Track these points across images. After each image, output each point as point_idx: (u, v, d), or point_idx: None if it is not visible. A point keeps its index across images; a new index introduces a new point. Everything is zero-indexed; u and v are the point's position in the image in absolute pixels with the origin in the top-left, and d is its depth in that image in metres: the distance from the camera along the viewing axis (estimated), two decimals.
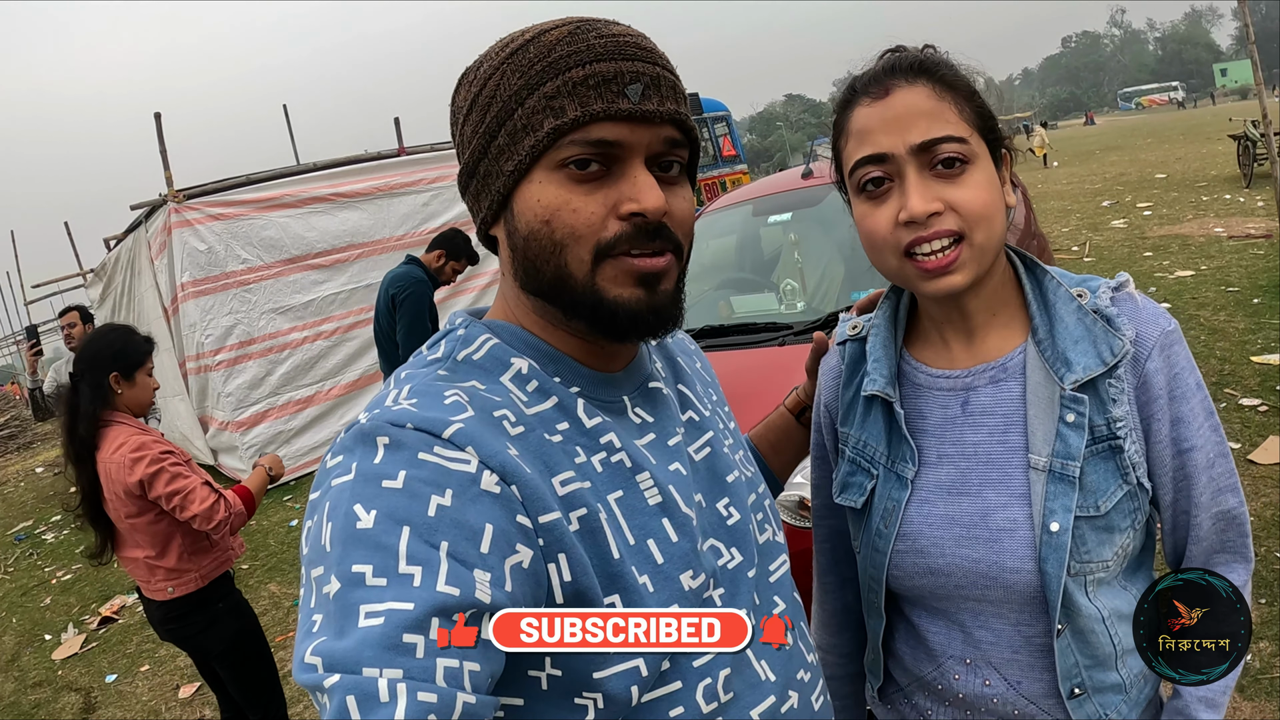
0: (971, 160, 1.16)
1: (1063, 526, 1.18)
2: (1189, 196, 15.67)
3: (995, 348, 1.28)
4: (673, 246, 0.97)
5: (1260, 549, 3.91)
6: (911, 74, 1.19)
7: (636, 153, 0.94)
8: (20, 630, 7.20)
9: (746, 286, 4.66)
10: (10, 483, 16.31)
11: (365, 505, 0.80)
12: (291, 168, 10.46)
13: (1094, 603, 1.23)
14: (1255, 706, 2.98)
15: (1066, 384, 1.20)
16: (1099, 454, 1.20)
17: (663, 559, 0.96)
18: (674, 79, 0.98)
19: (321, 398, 9.67)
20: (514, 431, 0.92)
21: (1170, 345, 1.22)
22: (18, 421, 24.82)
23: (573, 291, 0.95)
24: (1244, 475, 4.63)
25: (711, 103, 17.99)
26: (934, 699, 1.36)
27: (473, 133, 0.98)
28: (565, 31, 0.94)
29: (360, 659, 0.73)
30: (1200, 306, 8.05)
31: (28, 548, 10.18)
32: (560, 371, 1.01)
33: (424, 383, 0.94)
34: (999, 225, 1.18)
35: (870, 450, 1.34)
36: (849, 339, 1.42)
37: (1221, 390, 5.89)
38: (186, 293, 8.93)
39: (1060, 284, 1.26)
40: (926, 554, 1.27)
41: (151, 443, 3.08)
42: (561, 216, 0.92)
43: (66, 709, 5.39)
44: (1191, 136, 31.99)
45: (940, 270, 1.15)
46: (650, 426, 1.05)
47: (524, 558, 0.84)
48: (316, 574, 0.81)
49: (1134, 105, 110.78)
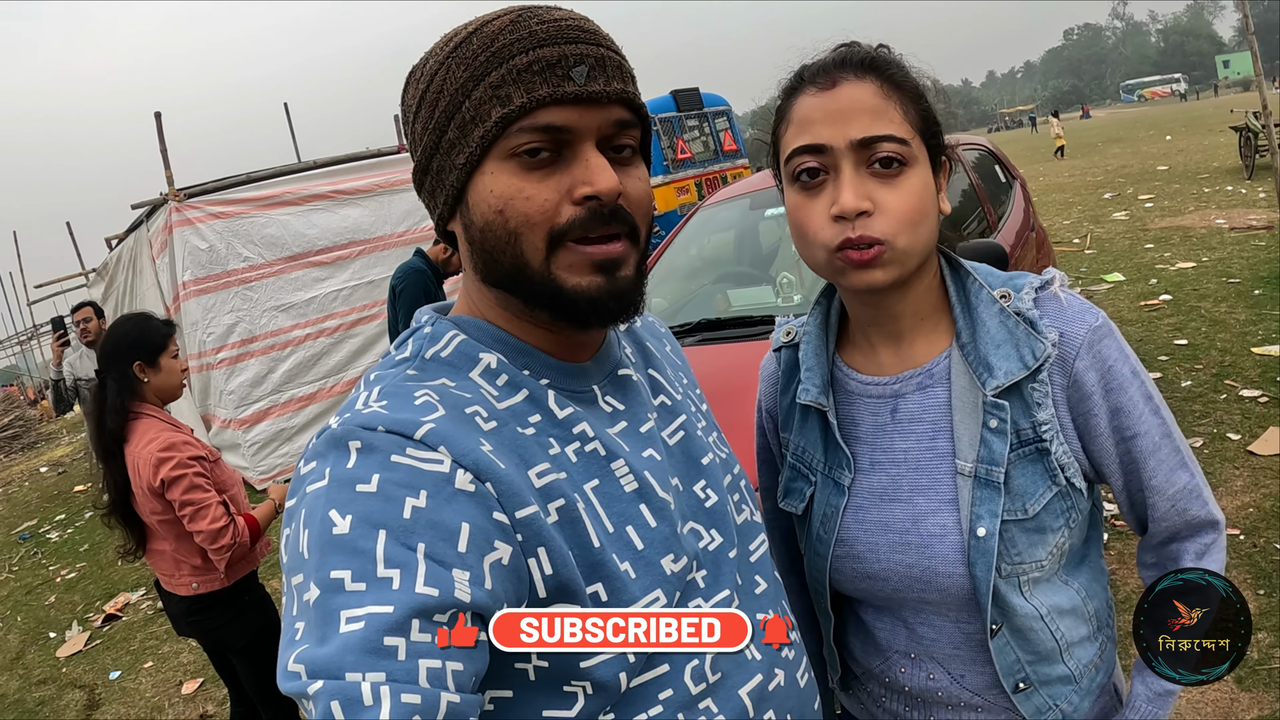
0: (909, 163, 1.14)
1: (989, 531, 1.18)
2: (1191, 188, 15.64)
3: (922, 353, 1.27)
4: (629, 229, 0.97)
5: (1260, 540, 3.92)
6: (861, 69, 1.17)
7: (586, 136, 0.93)
8: (25, 628, 7.22)
9: (744, 280, 4.67)
10: (15, 482, 16.37)
11: (340, 510, 0.80)
12: (292, 165, 10.47)
13: (1030, 601, 1.23)
14: (1253, 698, 2.98)
15: (988, 389, 1.19)
16: (1025, 457, 1.20)
17: (643, 545, 0.96)
18: (620, 59, 0.97)
19: (324, 395, 9.68)
20: (487, 427, 0.92)
21: (1098, 341, 1.20)
22: (22, 421, 24.89)
23: (530, 281, 0.94)
24: (1244, 467, 4.65)
25: (712, 97, 17.99)
26: (885, 689, 1.37)
27: (423, 129, 0.98)
28: (507, 20, 0.94)
29: (342, 664, 0.73)
30: (1201, 298, 8.04)
31: (32, 546, 10.20)
32: (529, 364, 1.01)
33: (393, 383, 0.94)
34: (926, 231, 1.16)
35: (808, 457, 1.34)
36: (783, 345, 1.42)
37: (1222, 382, 5.89)
38: (188, 291, 8.94)
39: (983, 286, 1.25)
40: (863, 560, 1.28)
41: (182, 444, 3.06)
42: (515, 205, 0.92)
43: (70, 706, 5.42)
44: (1193, 128, 31.95)
45: (863, 263, 1.13)
46: (622, 414, 1.05)
47: (503, 554, 0.84)
48: (296, 581, 0.81)
49: (1136, 97, 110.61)
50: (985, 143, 5.94)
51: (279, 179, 9.83)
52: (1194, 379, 6.06)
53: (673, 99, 17.13)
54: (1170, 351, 6.73)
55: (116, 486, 3.11)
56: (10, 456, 21.35)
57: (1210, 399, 5.65)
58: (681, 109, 17.19)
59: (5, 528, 11.98)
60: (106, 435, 3.09)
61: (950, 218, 4.24)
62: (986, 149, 5.83)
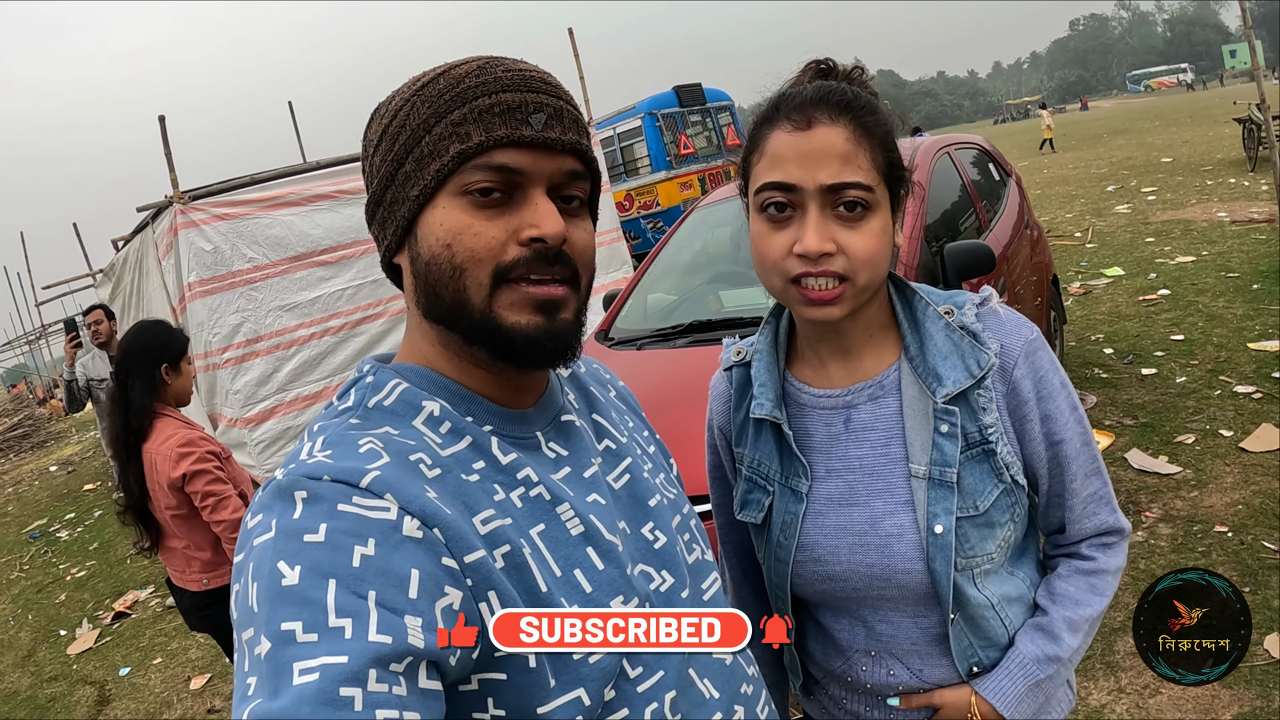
0: (872, 207, 1.21)
1: (946, 528, 1.27)
2: (1193, 180, 15.61)
3: (870, 366, 1.35)
4: (570, 274, 0.98)
5: (1248, 537, 3.96)
6: (836, 111, 1.22)
7: (538, 181, 0.96)
8: (36, 626, 7.31)
9: (737, 280, 4.71)
10: (25, 481, 16.44)
11: (289, 561, 0.80)
12: (295, 166, 10.50)
13: (983, 592, 1.31)
14: (1234, 694, 3.02)
15: (939, 397, 1.28)
16: (973, 458, 1.28)
17: (591, 587, 0.97)
18: (576, 113, 1.01)
19: (329, 394, 9.69)
20: (431, 474, 0.92)
21: (1034, 352, 1.30)
22: (31, 420, 24.96)
23: (470, 317, 0.95)
24: (1235, 463, 4.67)
25: (714, 92, 17.97)
26: (846, 689, 1.44)
27: (381, 162, 0.99)
28: (474, 66, 0.97)
29: (297, 716, 0.72)
30: (1199, 293, 8.05)
31: (42, 545, 10.29)
32: (472, 411, 1.01)
33: (337, 433, 0.94)
34: (882, 268, 1.24)
35: (765, 468, 1.41)
36: (734, 364, 1.49)
37: (1216, 377, 5.91)
38: (194, 292, 8.99)
39: (929, 304, 1.34)
40: (824, 562, 1.35)
41: (200, 439, 3.22)
42: (463, 240, 0.93)
43: (81, 702, 5.49)
44: (1199, 119, 31.81)
45: (822, 302, 1.21)
46: (565, 460, 1.06)
47: (453, 599, 0.84)
48: (247, 636, 0.80)
49: (1143, 88, 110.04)
50: (980, 141, 5.97)
51: (282, 180, 9.87)
52: (1189, 374, 6.08)
53: (675, 94, 17.13)
54: (1166, 347, 6.75)
55: (136, 485, 3.21)
56: (20, 455, 21.43)
57: (1204, 395, 5.67)
58: (684, 104, 17.18)
59: (16, 526, 12.07)
60: (130, 433, 3.21)
61: (942, 219, 4.29)
62: (981, 148, 5.86)
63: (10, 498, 15.07)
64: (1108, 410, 5.77)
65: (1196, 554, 3.92)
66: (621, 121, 16.87)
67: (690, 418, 3.42)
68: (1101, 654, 3.41)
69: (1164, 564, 3.92)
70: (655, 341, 4.17)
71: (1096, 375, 6.48)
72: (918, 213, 4.06)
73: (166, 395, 3.33)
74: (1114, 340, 7.23)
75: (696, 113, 17.53)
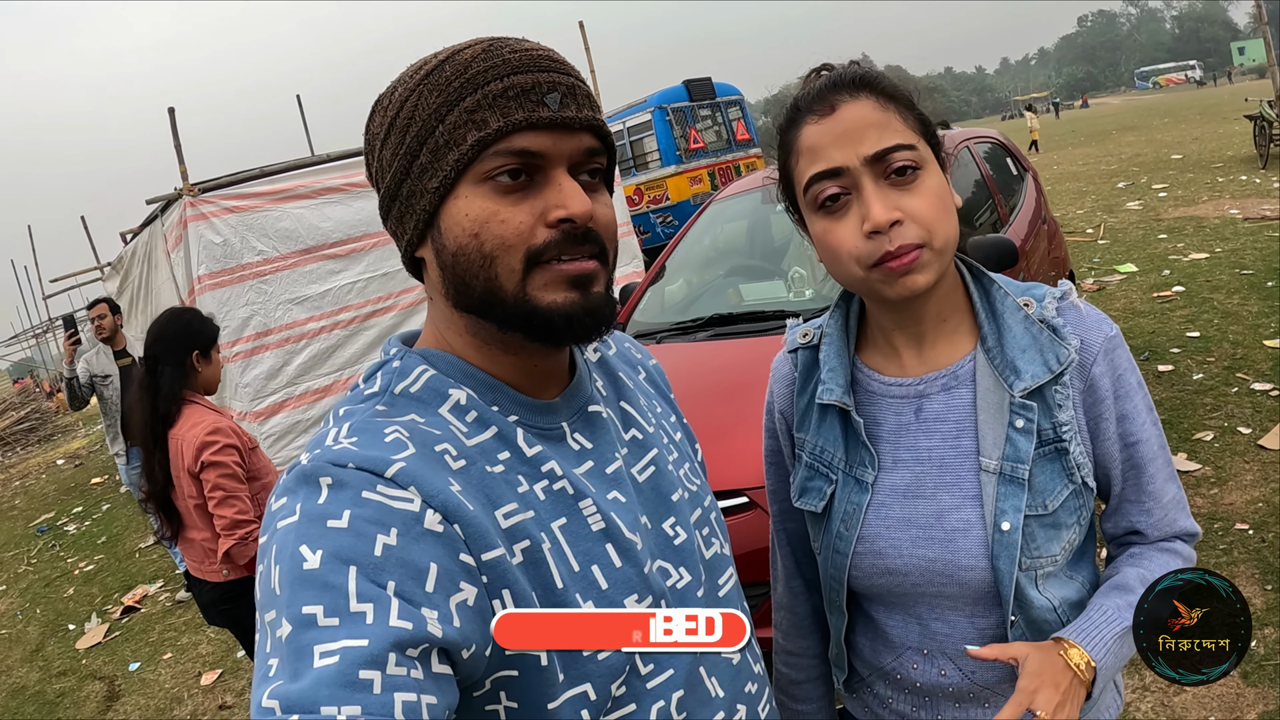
0: (922, 166, 1.19)
1: (1013, 526, 1.23)
2: (1204, 177, 15.57)
3: (945, 355, 1.31)
4: (599, 250, 0.98)
5: (1269, 535, 3.93)
6: (854, 88, 1.20)
7: (559, 161, 0.95)
8: (44, 620, 7.32)
9: (756, 274, 4.69)
10: (32, 475, 16.51)
11: (311, 546, 0.80)
12: (305, 159, 10.52)
13: (1044, 594, 1.27)
14: (1259, 693, 3.00)
15: (1016, 391, 1.24)
16: (1046, 456, 1.24)
17: (607, 584, 0.97)
18: (587, 89, 0.99)
19: (339, 387, 9.71)
20: (455, 466, 0.92)
21: (1114, 349, 1.27)
22: (38, 414, 25.03)
23: (504, 304, 0.94)
24: (1254, 460, 4.64)
25: (724, 87, 17.97)
26: (894, 688, 1.41)
27: (392, 156, 0.98)
28: (479, 49, 0.95)
29: (317, 698, 0.73)
30: (1214, 290, 8.01)
31: (50, 539, 10.33)
32: (498, 400, 1.01)
33: (363, 419, 0.94)
34: (953, 227, 1.21)
35: (828, 456, 1.37)
36: (800, 347, 1.45)
37: (1233, 374, 5.88)
38: (203, 285, 8.99)
39: (1008, 294, 1.30)
40: (885, 555, 1.31)
41: (229, 429, 3.22)
42: (490, 228, 0.92)
43: (91, 697, 5.49)
44: (1209, 116, 31.76)
45: (905, 270, 1.17)
46: (589, 454, 1.05)
47: (468, 595, 0.85)
48: (269, 618, 0.81)
49: (1151, 84, 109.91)
50: (997, 135, 5.94)
51: (292, 173, 9.87)
52: (1205, 371, 6.05)
53: (685, 89, 17.12)
54: (1182, 344, 6.72)
55: (159, 472, 3.20)
56: (26, 449, 21.51)
57: (1221, 392, 5.64)
58: (694, 99, 17.19)
59: (23, 520, 12.11)
60: (158, 420, 3.22)
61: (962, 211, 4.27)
62: (998, 141, 5.84)
63: (17, 491, 15.12)
64: None
65: (1218, 551, 3.89)
66: (631, 116, 16.88)
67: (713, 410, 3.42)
68: None
69: None
70: (674, 335, 4.16)
71: None
72: None
73: (196, 383, 3.34)
74: (1129, 336, 7.18)
75: (706, 107, 17.53)
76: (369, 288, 10.00)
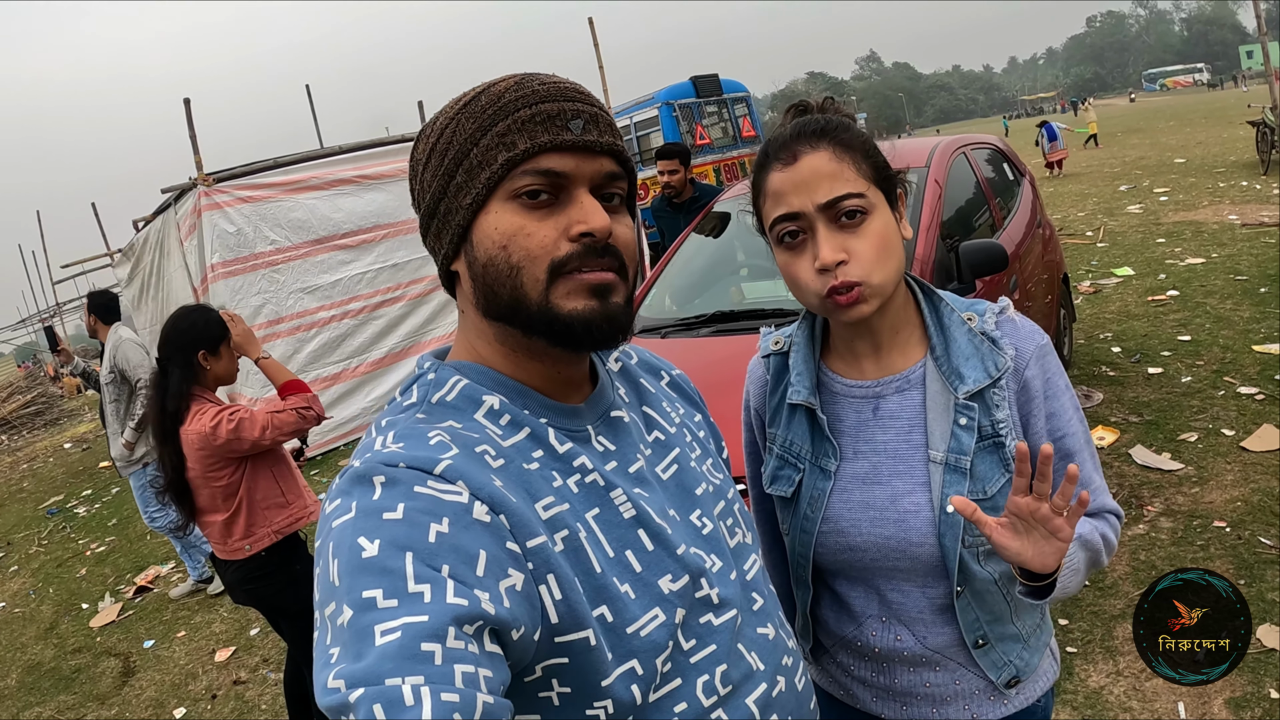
0: (869, 210, 1.37)
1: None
2: (1206, 182, 15.65)
3: (899, 362, 1.50)
4: (618, 264, 1.05)
5: (1245, 533, 4.08)
6: (815, 138, 1.39)
7: (581, 182, 1.03)
8: (57, 600, 7.45)
9: (758, 273, 4.83)
10: (40, 458, 16.60)
11: (369, 536, 0.86)
12: (317, 151, 10.65)
13: (985, 568, 1.45)
14: (1226, 680, 3.12)
15: (960, 394, 1.43)
16: (985, 449, 1.43)
17: (640, 567, 1.05)
18: (610, 119, 1.08)
19: (348, 375, 9.91)
20: (495, 464, 0.99)
21: (1044, 356, 1.46)
22: (44, 398, 25.12)
23: (529, 311, 1.02)
24: (1235, 461, 4.79)
25: (731, 84, 17.97)
26: (854, 655, 1.59)
27: (432, 177, 1.06)
28: (512, 82, 1.05)
29: (381, 671, 0.77)
30: (1208, 294, 8.14)
31: (60, 521, 10.46)
32: (528, 404, 1.09)
33: (406, 427, 1.01)
34: (894, 263, 1.39)
35: (796, 448, 1.56)
36: (772, 353, 1.64)
37: (1221, 378, 6.01)
38: (216, 273, 9.14)
39: (954, 309, 1.49)
40: (846, 533, 1.50)
41: (229, 412, 3.33)
42: (517, 241, 1.00)
43: (107, 673, 5.62)
44: (1214, 120, 31.76)
45: (850, 304, 1.36)
46: (612, 455, 1.13)
47: (516, 581, 0.90)
48: (329, 611, 0.85)
49: (1159, 87, 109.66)
50: (995, 140, 6.06)
51: (305, 164, 10.02)
52: (1194, 374, 6.18)
53: (692, 85, 17.15)
54: (1174, 347, 6.85)
55: (172, 465, 3.35)
56: (33, 433, 21.60)
57: (1208, 395, 5.78)
58: (701, 95, 17.20)
59: (33, 502, 12.24)
60: (166, 417, 3.34)
61: (958, 216, 4.39)
62: (995, 147, 5.96)
63: (25, 474, 15.26)
64: (1114, 407, 5.88)
65: (1195, 548, 4.04)
66: (638, 111, 16.92)
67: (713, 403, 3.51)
68: (1101, 638, 3.54)
69: (1164, 556, 4.04)
70: (678, 330, 4.30)
71: (1104, 373, 6.58)
72: (934, 210, 4.18)
73: (206, 380, 3.45)
74: (1122, 339, 7.34)
75: (713, 103, 17.55)
76: (379, 278, 10.17)
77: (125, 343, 6.03)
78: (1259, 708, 3.02)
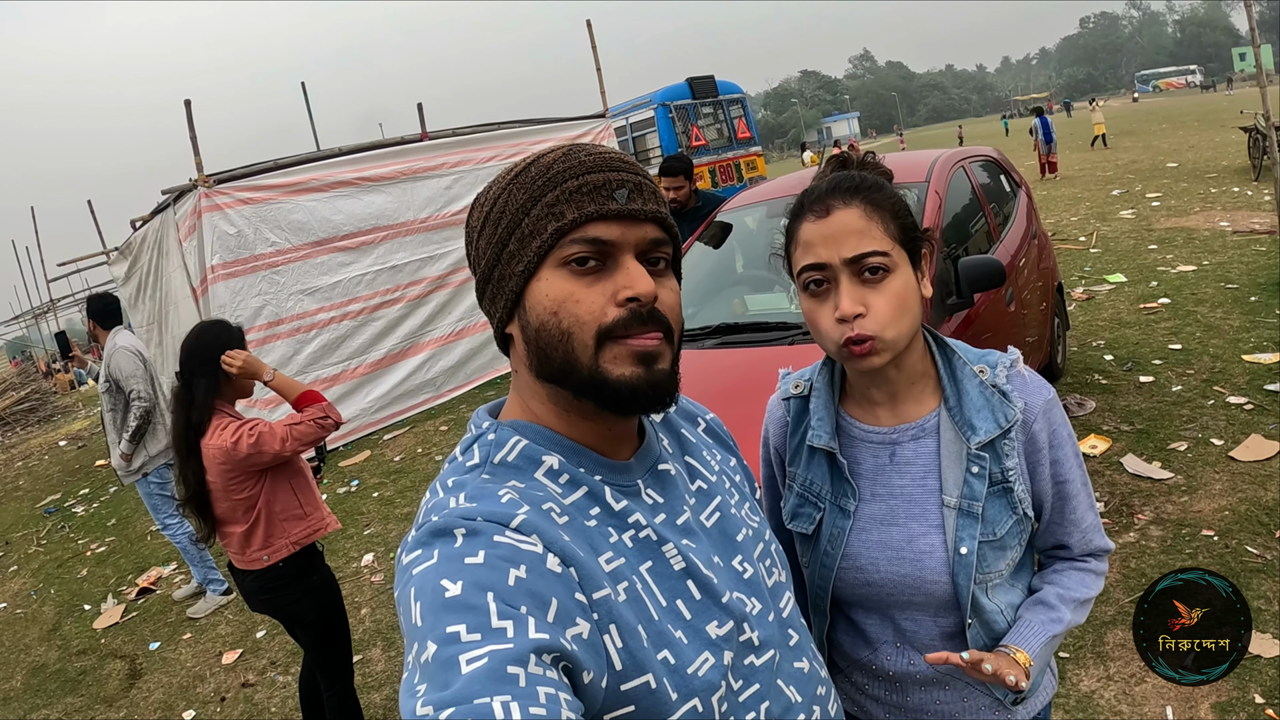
0: (891, 269, 1.45)
1: (970, 550, 1.52)
2: (1198, 187, 15.74)
3: (914, 411, 1.60)
4: (664, 329, 1.10)
5: (1232, 541, 4.17)
6: (848, 195, 1.47)
7: (627, 249, 1.08)
8: (59, 601, 7.45)
9: (759, 285, 4.90)
10: (34, 456, 16.55)
11: (452, 578, 0.91)
12: (317, 153, 10.69)
13: (993, 600, 1.57)
14: (1212, 685, 3.22)
15: (972, 444, 1.53)
16: (995, 494, 1.53)
17: (690, 615, 1.11)
18: (653, 186, 1.13)
19: (347, 376, 9.98)
20: (560, 521, 1.04)
21: (1050, 409, 1.56)
22: (38, 394, 25.08)
23: (579, 374, 1.07)
24: (1224, 471, 4.88)
25: (727, 85, 18.03)
26: (869, 676, 1.69)
27: (486, 244, 1.12)
28: (560, 153, 1.11)
29: (469, 693, 0.81)
30: (1198, 303, 8.20)
31: (58, 520, 10.45)
32: (584, 463, 1.14)
33: (476, 487, 1.05)
34: (910, 320, 1.48)
35: (816, 488, 1.65)
36: (793, 396, 1.73)
37: (1211, 388, 6.08)
38: (216, 275, 9.17)
39: (966, 362, 1.58)
40: (865, 571, 1.60)
41: (249, 428, 3.38)
42: (567, 306, 1.05)
43: (113, 675, 5.64)
44: (1207, 123, 31.85)
45: (863, 355, 1.45)
46: (661, 507, 1.18)
47: (582, 630, 0.95)
48: (414, 652, 0.89)
49: (1151, 88, 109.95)
50: (992, 153, 6.14)
51: (305, 166, 10.06)
52: (1184, 384, 6.26)
53: (689, 86, 17.22)
54: (1164, 356, 6.93)
55: (194, 479, 3.41)
56: (27, 429, 21.50)
57: (1198, 404, 5.86)
58: (697, 96, 17.27)
59: (29, 501, 12.23)
60: (190, 429, 3.40)
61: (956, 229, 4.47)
62: (992, 159, 6.04)
63: (20, 472, 15.22)
64: (1106, 416, 5.97)
65: (1184, 555, 4.13)
66: (635, 111, 16.96)
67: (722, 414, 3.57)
68: (1092, 644, 3.64)
69: (1153, 563, 4.14)
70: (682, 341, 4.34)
71: (1096, 381, 6.66)
72: (934, 223, 4.27)
73: (228, 392, 3.52)
74: (1114, 347, 7.42)
75: (709, 105, 17.62)
76: (378, 280, 10.23)
77: (120, 351, 5.99)
78: (1244, 712, 3.11)
